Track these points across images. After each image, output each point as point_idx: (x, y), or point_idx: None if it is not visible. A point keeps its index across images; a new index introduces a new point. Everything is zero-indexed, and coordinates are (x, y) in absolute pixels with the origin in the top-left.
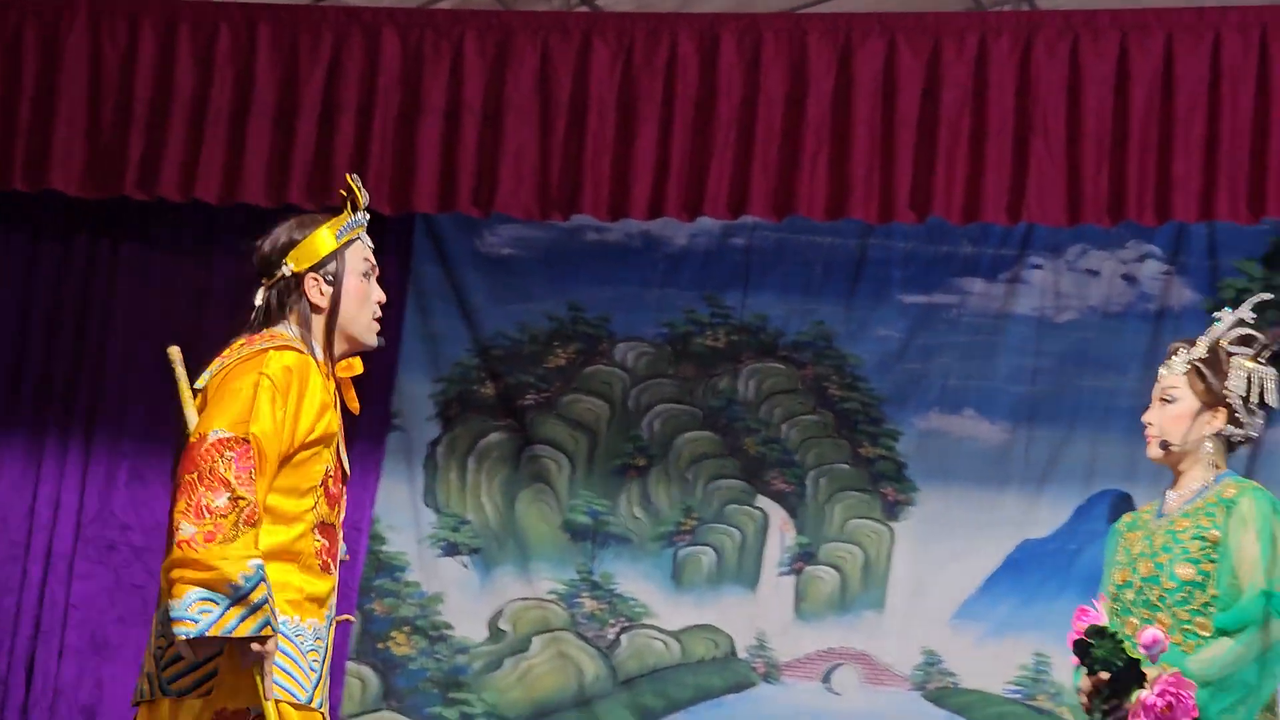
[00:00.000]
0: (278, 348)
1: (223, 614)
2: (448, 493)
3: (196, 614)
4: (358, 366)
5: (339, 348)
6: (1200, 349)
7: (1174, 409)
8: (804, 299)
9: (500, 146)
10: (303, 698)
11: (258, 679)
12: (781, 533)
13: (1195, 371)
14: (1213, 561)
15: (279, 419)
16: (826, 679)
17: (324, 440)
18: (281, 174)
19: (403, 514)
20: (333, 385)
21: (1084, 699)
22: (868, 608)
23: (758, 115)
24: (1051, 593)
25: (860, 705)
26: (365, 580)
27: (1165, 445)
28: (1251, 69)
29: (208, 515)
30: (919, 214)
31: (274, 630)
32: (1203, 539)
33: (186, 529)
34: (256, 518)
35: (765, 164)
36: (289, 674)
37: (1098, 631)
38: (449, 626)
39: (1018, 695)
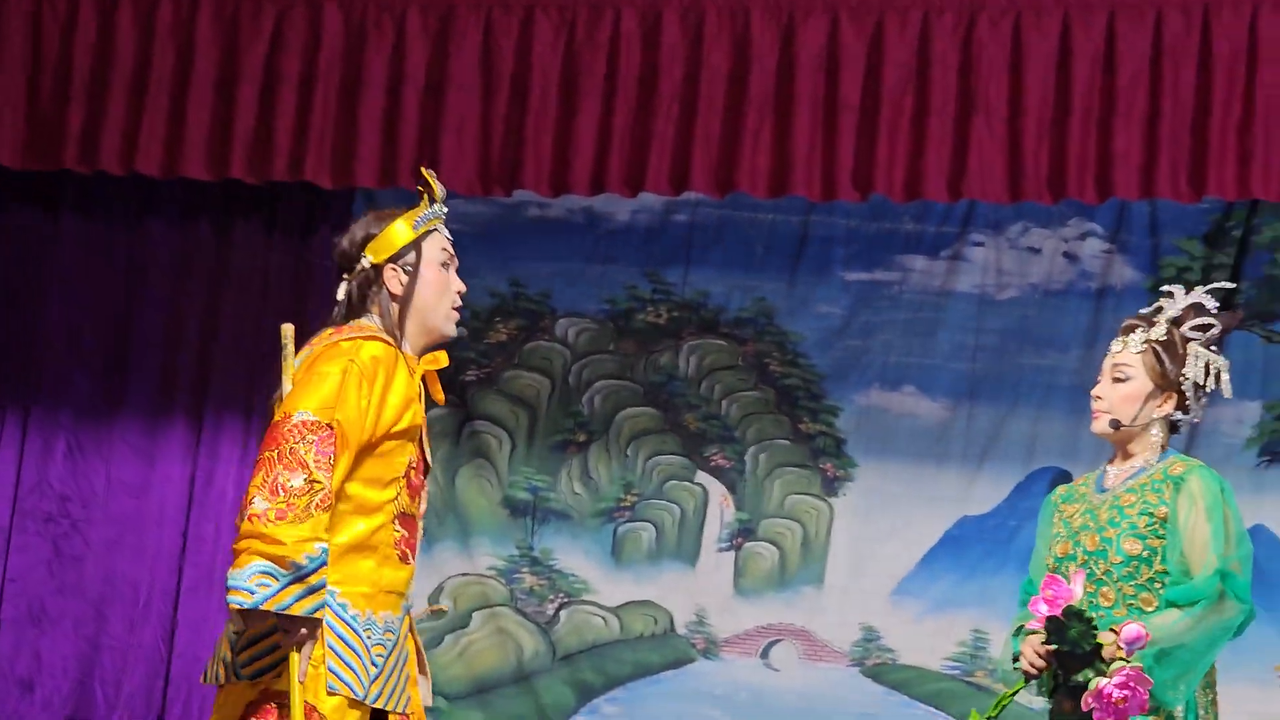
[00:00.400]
0: (366, 338)
1: (280, 590)
2: None
3: (254, 586)
4: (443, 359)
5: (420, 338)
6: (1159, 331)
7: (1126, 388)
8: (745, 276)
9: (442, 121)
10: (359, 693)
11: (293, 659)
12: (721, 509)
13: (1153, 353)
14: (1160, 538)
15: (363, 408)
16: (765, 655)
17: (408, 432)
18: (222, 147)
19: None
20: (417, 377)
21: (1030, 666)
22: (807, 584)
23: (700, 92)
24: (990, 569)
25: (799, 681)
26: None
27: (1116, 424)
28: (1193, 47)
29: (282, 493)
30: (861, 192)
31: (323, 619)
32: (1150, 515)
33: (259, 504)
34: (329, 503)
35: (707, 141)
36: (350, 667)
37: (1075, 613)
38: None
39: (956, 671)
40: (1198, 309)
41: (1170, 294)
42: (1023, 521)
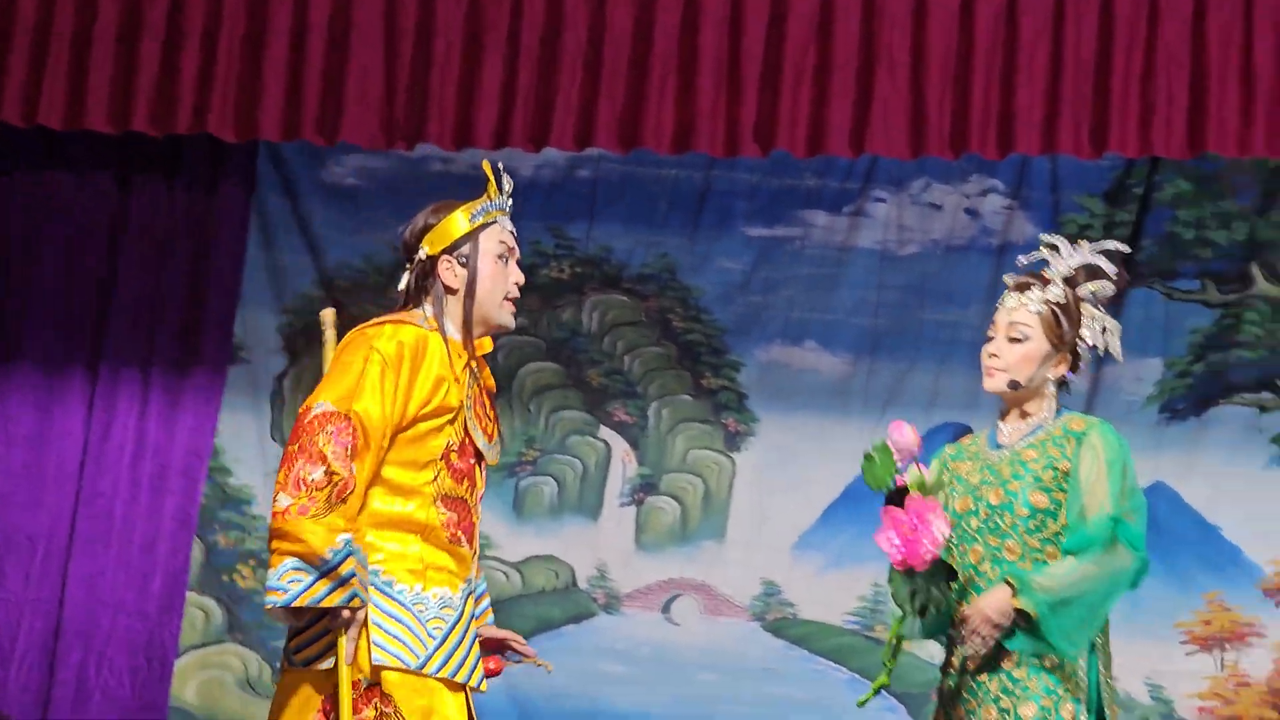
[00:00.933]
0: (395, 322)
1: (311, 584)
2: None
3: (287, 584)
4: (487, 345)
5: (478, 329)
6: (1056, 291)
7: (1024, 349)
8: (649, 231)
9: (346, 74)
10: (413, 663)
11: (341, 643)
12: (623, 463)
13: (1051, 314)
14: (1063, 491)
15: (387, 393)
16: (666, 609)
17: (441, 413)
18: (125, 99)
19: (248, 447)
20: (462, 363)
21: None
22: (708, 538)
23: (604, 47)
24: None
25: (699, 636)
26: (209, 512)
27: (1015, 384)
28: (1095, 3)
29: (303, 488)
30: (763, 147)
31: (363, 601)
32: (1054, 469)
33: (283, 500)
34: (348, 493)
35: (612, 96)
36: (400, 640)
37: (868, 457)
38: None
39: (855, 626)
40: (1093, 270)
41: (1055, 246)
42: None
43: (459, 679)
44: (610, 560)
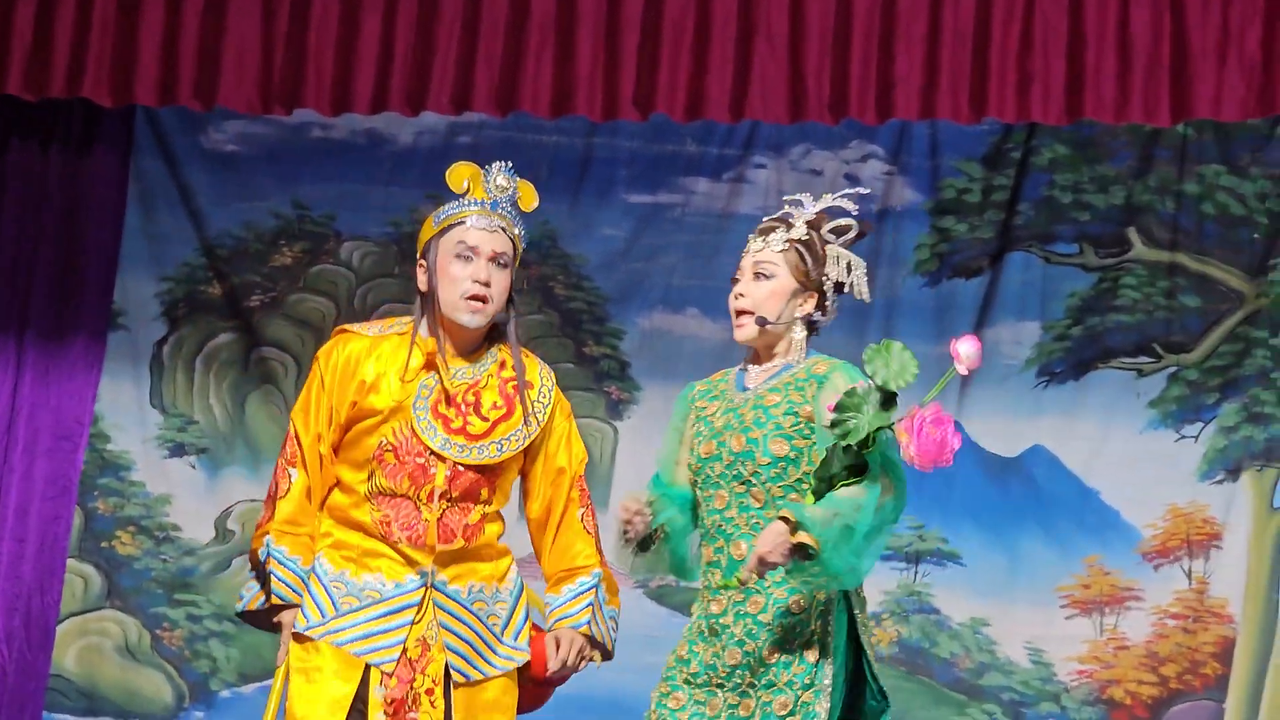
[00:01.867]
0: (341, 332)
1: (254, 594)
2: (174, 393)
3: (243, 592)
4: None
5: (446, 329)
6: (799, 230)
7: (771, 285)
8: None
9: (222, 38)
10: (302, 626)
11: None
12: None
13: (795, 252)
14: (805, 438)
15: (311, 402)
16: None
17: (367, 415)
18: None
19: (128, 413)
20: (419, 363)
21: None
22: None
23: (482, 9)
24: None
25: None
26: (89, 479)
27: (763, 321)
28: None
29: (268, 501)
30: (642, 112)
31: (281, 599)
32: (796, 414)
33: (263, 515)
34: (280, 496)
35: (489, 59)
36: (303, 611)
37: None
38: (176, 528)
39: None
40: (834, 212)
41: (799, 201)
42: None
43: (350, 650)
44: None
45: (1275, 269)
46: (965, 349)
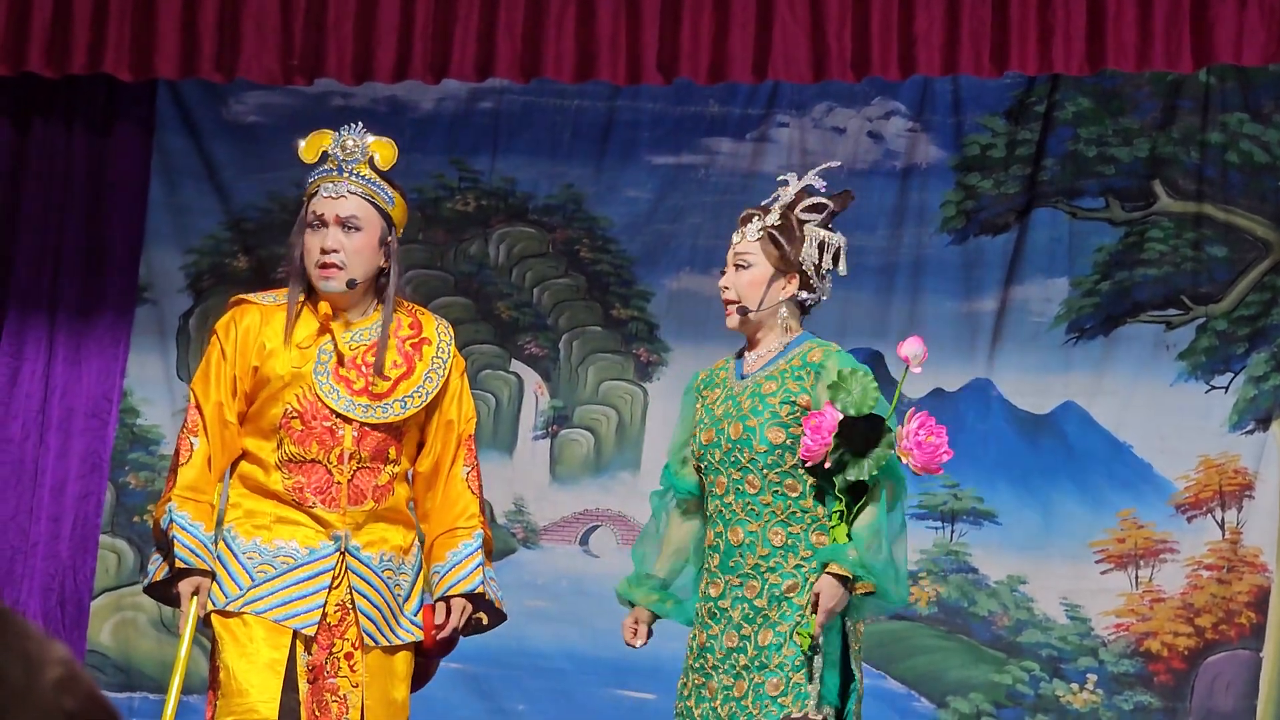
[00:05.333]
0: (238, 302)
1: (158, 566)
2: None
3: (149, 567)
4: (324, 308)
5: (326, 297)
6: (773, 217)
7: (749, 274)
8: (553, 162)
9: (242, 9)
10: (220, 603)
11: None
12: (536, 397)
13: (769, 238)
14: (801, 426)
15: (215, 368)
16: (584, 541)
17: (269, 381)
18: (19, 39)
19: (156, 387)
20: (309, 330)
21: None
22: (623, 469)
23: None
24: None
25: (618, 566)
26: (119, 454)
27: (745, 310)
28: None
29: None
30: (665, 75)
31: (185, 563)
32: (793, 404)
33: (166, 484)
34: (181, 464)
35: (511, 25)
36: (220, 585)
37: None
38: None
39: None
40: (809, 190)
41: (786, 181)
42: None
43: (270, 618)
44: (527, 495)
45: None
46: (910, 349)
